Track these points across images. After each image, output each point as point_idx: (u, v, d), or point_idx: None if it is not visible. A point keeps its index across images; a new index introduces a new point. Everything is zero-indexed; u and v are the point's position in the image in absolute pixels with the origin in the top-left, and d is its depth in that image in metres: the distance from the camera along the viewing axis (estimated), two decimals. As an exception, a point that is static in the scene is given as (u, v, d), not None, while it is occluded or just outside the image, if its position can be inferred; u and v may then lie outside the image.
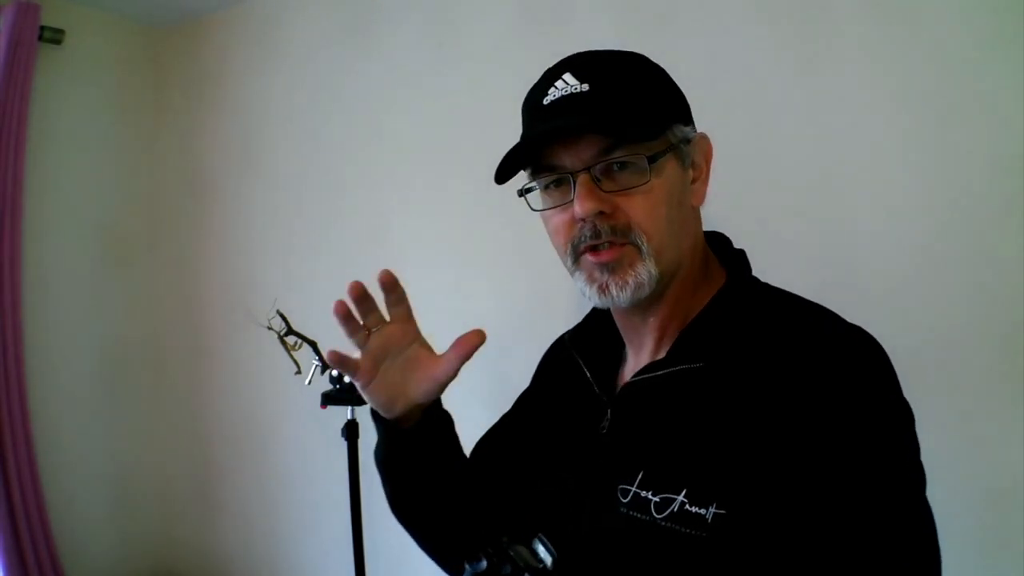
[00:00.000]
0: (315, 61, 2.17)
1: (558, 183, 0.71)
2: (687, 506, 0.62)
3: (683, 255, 0.72)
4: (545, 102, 0.70)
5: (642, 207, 0.68)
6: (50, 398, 2.15)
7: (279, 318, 1.68)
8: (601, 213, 0.67)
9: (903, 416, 0.63)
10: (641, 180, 0.67)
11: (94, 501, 2.28)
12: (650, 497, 0.65)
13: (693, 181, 0.74)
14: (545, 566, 0.63)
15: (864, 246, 1.42)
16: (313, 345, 1.69)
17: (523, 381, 1.01)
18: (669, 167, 0.70)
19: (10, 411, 1.96)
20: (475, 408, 1.01)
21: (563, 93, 0.69)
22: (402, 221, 2.01)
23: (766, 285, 0.75)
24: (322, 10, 2.15)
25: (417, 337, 0.79)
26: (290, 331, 1.69)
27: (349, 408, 1.70)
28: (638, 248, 0.68)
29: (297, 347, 1.69)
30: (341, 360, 0.75)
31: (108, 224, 2.37)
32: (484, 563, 0.63)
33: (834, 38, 1.44)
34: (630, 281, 0.68)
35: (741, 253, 0.78)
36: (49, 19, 2.08)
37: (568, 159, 0.69)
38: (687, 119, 0.74)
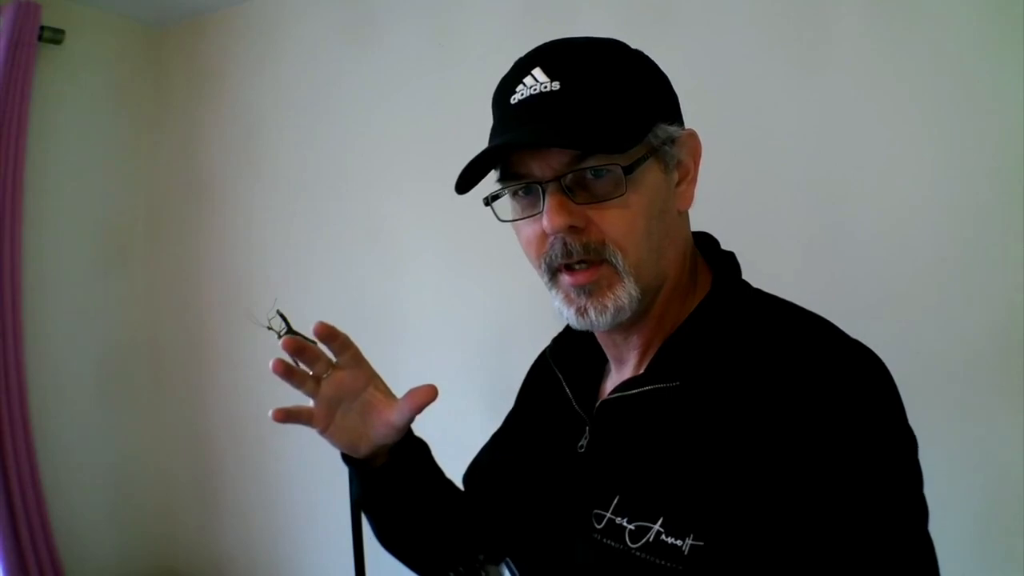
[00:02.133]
0: (315, 61, 2.17)
1: (527, 190, 0.64)
2: (663, 536, 0.57)
3: (667, 268, 0.66)
4: (513, 100, 0.64)
5: (618, 221, 0.61)
6: (50, 398, 2.15)
7: (279, 318, 1.67)
8: (573, 228, 0.61)
9: (903, 444, 0.57)
10: (617, 191, 0.60)
11: (94, 501, 2.28)
12: (625, 524, 0.60)
13: (678, 183, 0.66)
14: None
15: (865, 249, 1.42)
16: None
17: (521, 382, 1.00)
18: (650, 173, 0.63)
19: (10, 411, 1.96)
20: (475, 406, 1.01)
21: (531, 92, 0.62)
22: (402, 220, 2.01)
23: (756, 292, 0.68)
24: (322, 10, 2.15)
25: (371, 380, 0.76)
26: (290, 331, 1.68)
27: (349, 408, 1.69)
28: (615, 267, 0.62)
29: (297, 347, 1.69)
30: (288, 414, 0.73)
31: (108, 224, 2.37)
32: None
33: (835, 39, 1.44)
34: (609, 305, 0.62)
35: (729, 256, 0.71)
36: (49, 19, 2.07)
37: (537, 167, 0.62)
38: (672, 116, 0.66)
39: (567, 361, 0.77)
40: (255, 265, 2.29)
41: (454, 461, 0.99)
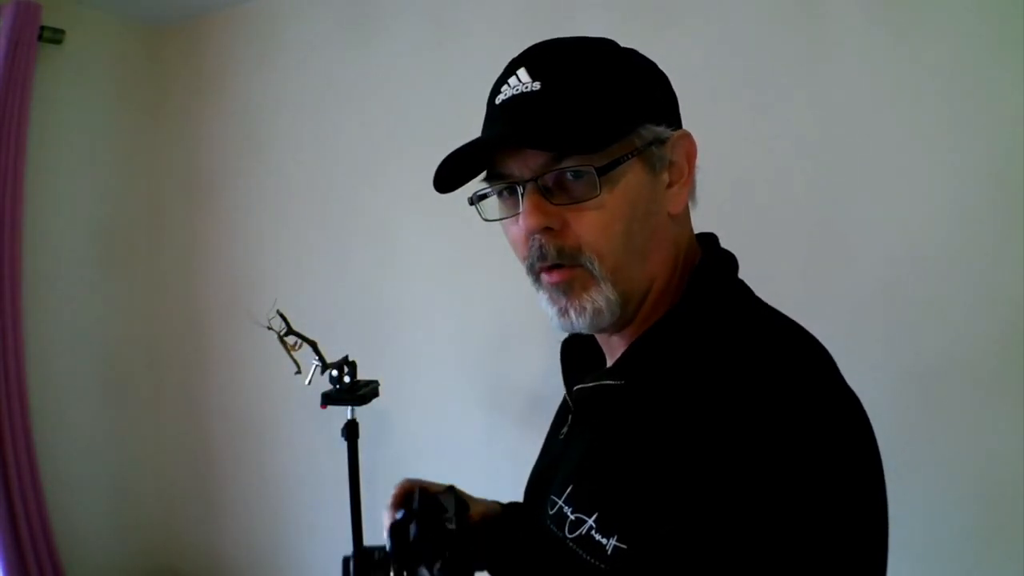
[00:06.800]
0: (315, 61, 2.17)
1: (510, 191, 0.63)
2: (593, 532, 0.57)
3: (651, 272, 0.64)
4: (498, 100, 0.64)
5: (593, 224, 0.60)
6: (50, 398, 2.15)
7: (279, 318, 1.68)
8: (549, 229, 0.60)
9: (836, 477, 0.51)
10: (592, 193, 0.59)
11: (94, 501, 2.28)
12: (568, 514, 0.60)
13: (670, 185, 0.64)
14: (449, 518, 0.66)
15: (867, 250, 1.42)
16: (313, 345, 1.69)
17: (521, 381, 1.01)
18: (632, 175, 0.61)
19: (10, 411, 1.96)
20: (475, 405, 1.01)
21: (514, 92, 0.62)
22: (402, 221, 2.01)
23: (736, 299, 0.65)
24: (322, 10, 2.15)
25: None
26: (290, 331, 1.68)
27: (349, 408, 1.69)
28: (590, 272, 0.61)
29: (297, 347, 1.69)
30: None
31: (108, 224, 2.37)
32: (401, 513, 0.68)
33: (838, 41, 1.44)
34: (587, 306, 0.62)
35: (716, 259, 0.68)
36: (49, 19, 2.08)
37: (516, 167, 0.62)
38: (662, 117, 0.64)
39: (575, 350, 0.78)
40: (255, 265, 2.29)
41: (454, 460, 1.00)
